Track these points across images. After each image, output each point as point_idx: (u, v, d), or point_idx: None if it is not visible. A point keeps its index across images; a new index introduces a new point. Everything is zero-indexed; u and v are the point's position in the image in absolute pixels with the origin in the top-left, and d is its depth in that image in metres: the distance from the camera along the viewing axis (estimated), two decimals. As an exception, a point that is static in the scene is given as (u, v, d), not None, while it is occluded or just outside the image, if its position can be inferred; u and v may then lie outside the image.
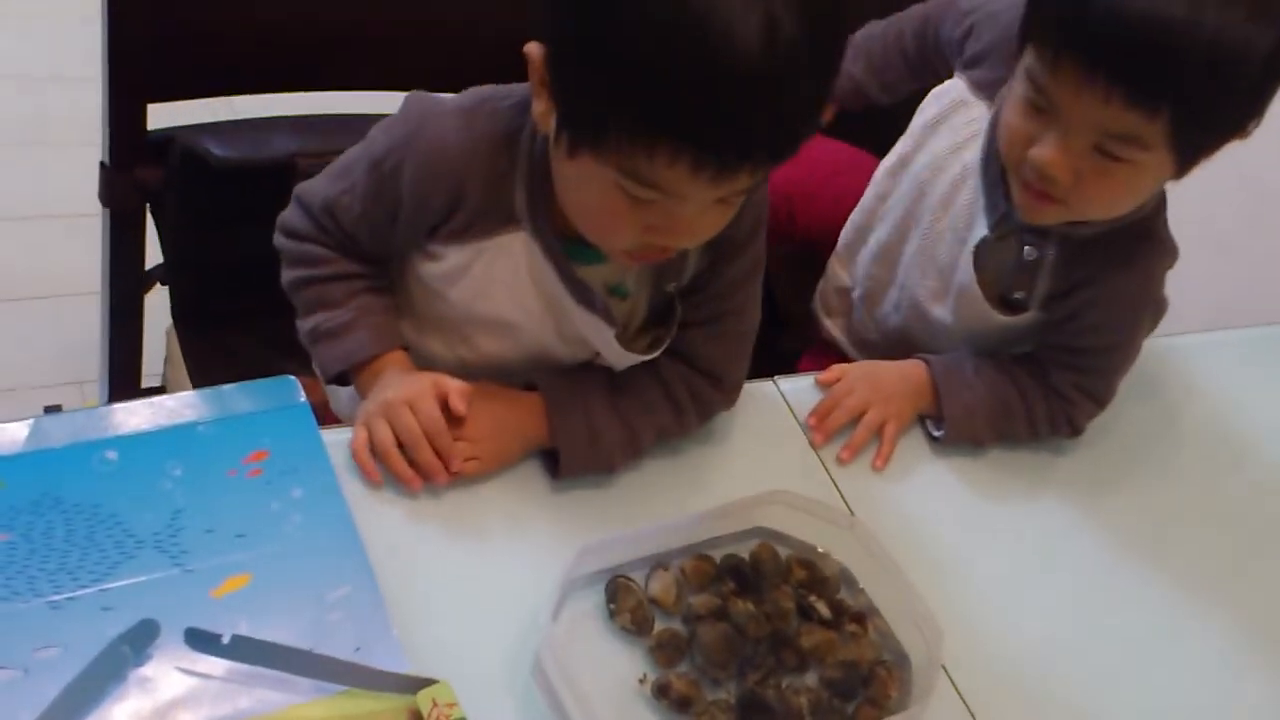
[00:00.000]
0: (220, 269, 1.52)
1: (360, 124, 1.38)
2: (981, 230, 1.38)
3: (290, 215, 1.26)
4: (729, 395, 1.32)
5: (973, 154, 1.39)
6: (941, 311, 1.45)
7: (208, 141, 1.46)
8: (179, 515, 1.09)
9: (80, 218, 1.80)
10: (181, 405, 1.17)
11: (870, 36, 1.61)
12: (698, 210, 1.08)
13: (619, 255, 1.16)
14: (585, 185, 1.10)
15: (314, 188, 1.25)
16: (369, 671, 1.03)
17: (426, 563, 1.16)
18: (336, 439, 1.19)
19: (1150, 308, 1.40)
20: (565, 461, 1.23)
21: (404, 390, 1.19)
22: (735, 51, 0.96)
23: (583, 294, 1.21)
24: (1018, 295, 1.39)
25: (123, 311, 1.66)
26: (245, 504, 1.11)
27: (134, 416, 1.15)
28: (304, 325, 1.27)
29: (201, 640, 1.01)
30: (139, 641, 1.00)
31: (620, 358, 1.25)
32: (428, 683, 1.03)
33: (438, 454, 1.18)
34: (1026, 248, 1.36)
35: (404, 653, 1.06)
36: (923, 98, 1.50)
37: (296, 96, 1.54)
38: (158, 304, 1.66)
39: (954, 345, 1.46)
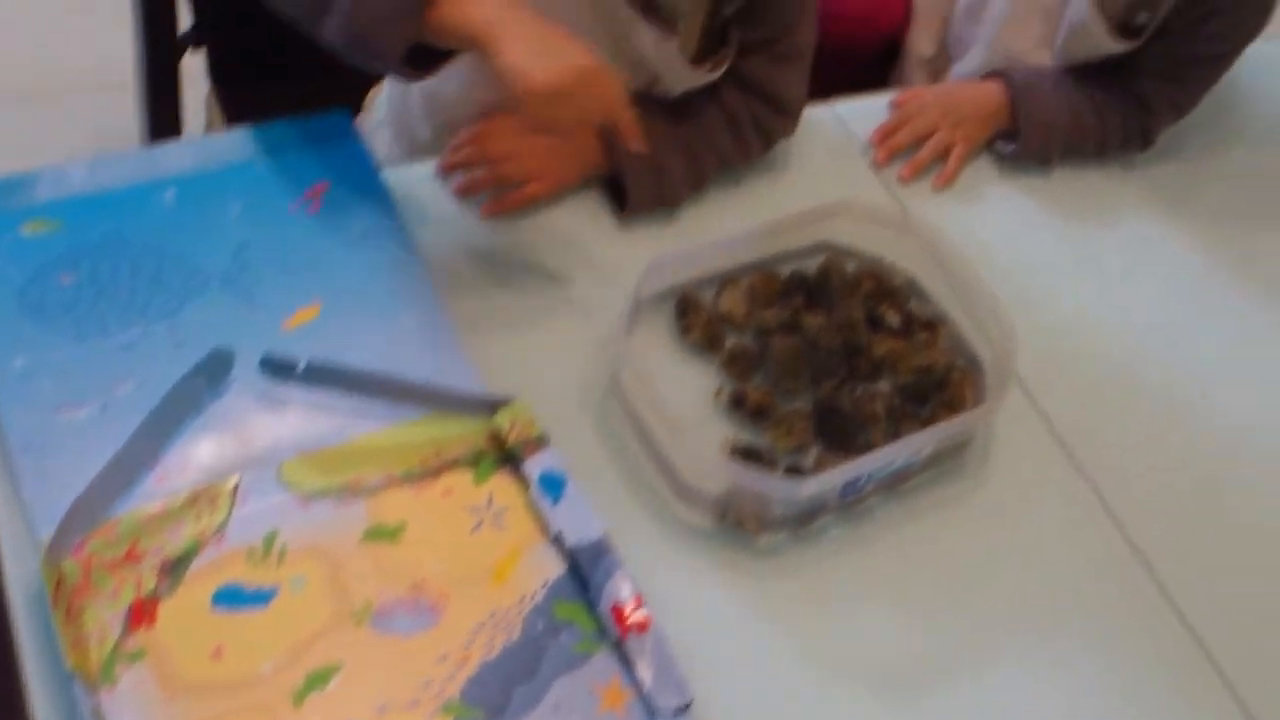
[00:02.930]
0: (254, 17, 1.47)
1: None
2: None
3: None
4: (790, 119, 1.29)
5: None
6: (1043, 56, 1.41)
7: None
8: (243, 250, 1.08)
9: (111, 8, 1.75)
10: (237, 144, 1.15)
11: None
12: None
13: None
14: None
15: None
16: (445, 393, 1.03)
17: (494, 288, 1.15)
18: (391, 172, 1.18)
19: (1268, 15, 1.36)
20: (632, 194, 1.21)
21: (586, 54, 1.02)
22: None
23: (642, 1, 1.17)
24: (1141, 18, 1.34)
25: (159, 82, 1.63)
26: (308, 237, 1.10)
27: (189, 157, 1.13)
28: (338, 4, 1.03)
29: (277, 367, 1.01)
30: (214, 373, 1.00)
31: (681, 74, 1.21)
32: (505, 402, 1.03)
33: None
34: None
35: (478, 375, 1.06)
36: None
37: None
38: (194, 78, 1.63)
39: None
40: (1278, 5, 1.35)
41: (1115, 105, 1.38)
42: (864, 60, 1.55)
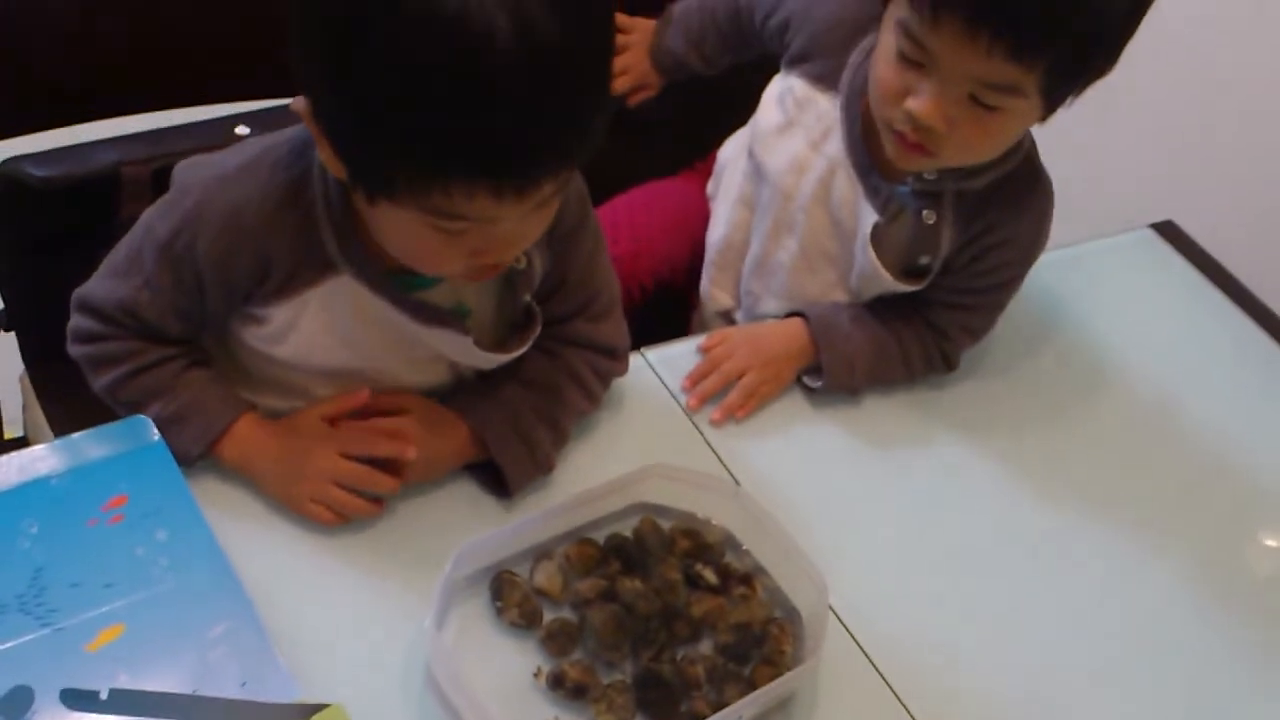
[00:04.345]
0: (61, 302, 1.48)
1: (179, 134, 1.39)
2: (870, 216, 1.38)
3: (78, 323, 1.21)
4: (623, 361, 1.33)
5: (834, 146, 1.40)
6: (840, 296, 1.46)
7: (27, 165, 1.41)
8: (41, 573, 1.06)
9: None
10: (32, 460, 1.13)
11: (687, 9, 1.62)
12: (515, 224, 1.05)
13: (457, 278, 1.14)
14: (397, 229, 1.07)
15: (99, 291, 1.19)
16: (256, 706, 1.02)
17: (305, 586, 1.14)
18: (195, 473, 1.18)
19: (1044, 242, 1.42)
20: (513, 481, 1.23)
21: (312, 465, 1.18)
22: (492, 67, 0.92)
23: (426, 314, 1.18)
24: (924, 260, 1.39)
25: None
26: (109, 553, 1.09)
27: (-20, 479, 1.11)
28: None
29: (79, 699, 0.99)
30: (13, 711, 0.98)
31: (486, 361, 1.22)
32: (319, 708, 1.02)
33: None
34: (925, 212, 1.36)
35: (294, 681, 1.04)
36: (749, 71, 1.51)
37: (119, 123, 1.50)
38: (8, 351, 1.62)
39: None
40: (1050, 230, 1.42)
41: (913, 333, 1.43)
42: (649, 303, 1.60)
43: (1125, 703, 1.22)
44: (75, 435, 1.15)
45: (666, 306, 1.63)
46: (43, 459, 1.14)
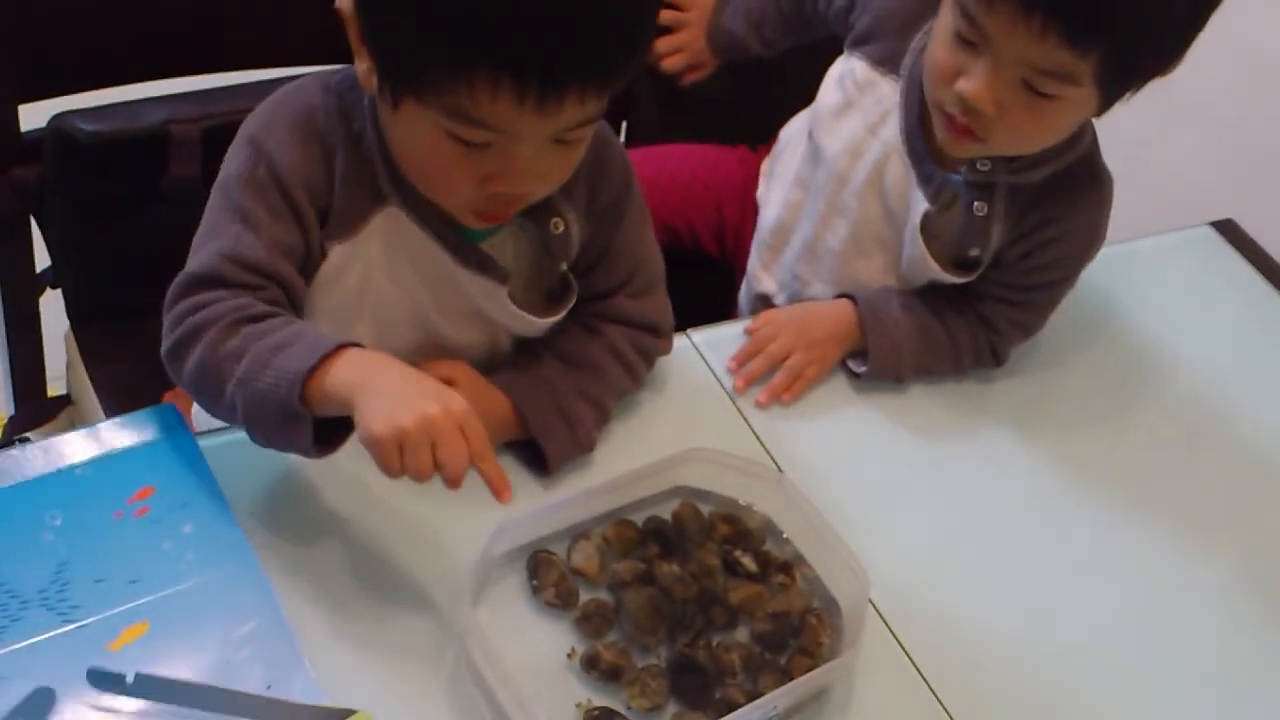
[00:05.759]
0: (107, 261, 1.47)
1: (230, 94, 1.39)
2: (921, 204, 1.33)
3: (172, 315, 1.08)
4: (667, 339, 1.31)
5: (890, 131, 1.35)
6: (889, 282, 1.42)
7: (77, 120, 1.40)
8: (65, 568, 1.05)
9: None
10: (57, 449, 1.12)
11: None
12: (535, 152, 1.04)
13: (464, 213, 1.11)
14: (415, 137, 1.06)
15: (192, 265, 1.10)
16: (284, 705, 1.00)
17: (334, 578, 1.11)
18: (213, 446, 1.14)
19: (1100, 241, 1.37)
20: (553, 457, 1.21)
21: (452, 400, 1.00)
22: None
23: (469, 256, 1.16)
24: (973, 253, 1.35)
25: (19, 319, 1.62)
26: (135, 547, 1.07)
27: (5, 467, 1.10)
28: (241, 368, 1.03)
29: (105, 680, 0.98)
30: (34, 712, 0.97)
31: (518, 320, 1.20)
32: (347, 714, 1.00)
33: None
34: (976, 204, 1.32)
35: (318, 683, 1.02)
36: (805, 54, 1.48)
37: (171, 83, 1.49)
38: (56, 309, 1.61)
39: None
40: (1107, 230, 1.37)
41: (965, 325, 1.39)
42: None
43: (1164, 705, 1.19)
44: (102, 424, 1.14)
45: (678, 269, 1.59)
46: (69, 447, 1.12)
